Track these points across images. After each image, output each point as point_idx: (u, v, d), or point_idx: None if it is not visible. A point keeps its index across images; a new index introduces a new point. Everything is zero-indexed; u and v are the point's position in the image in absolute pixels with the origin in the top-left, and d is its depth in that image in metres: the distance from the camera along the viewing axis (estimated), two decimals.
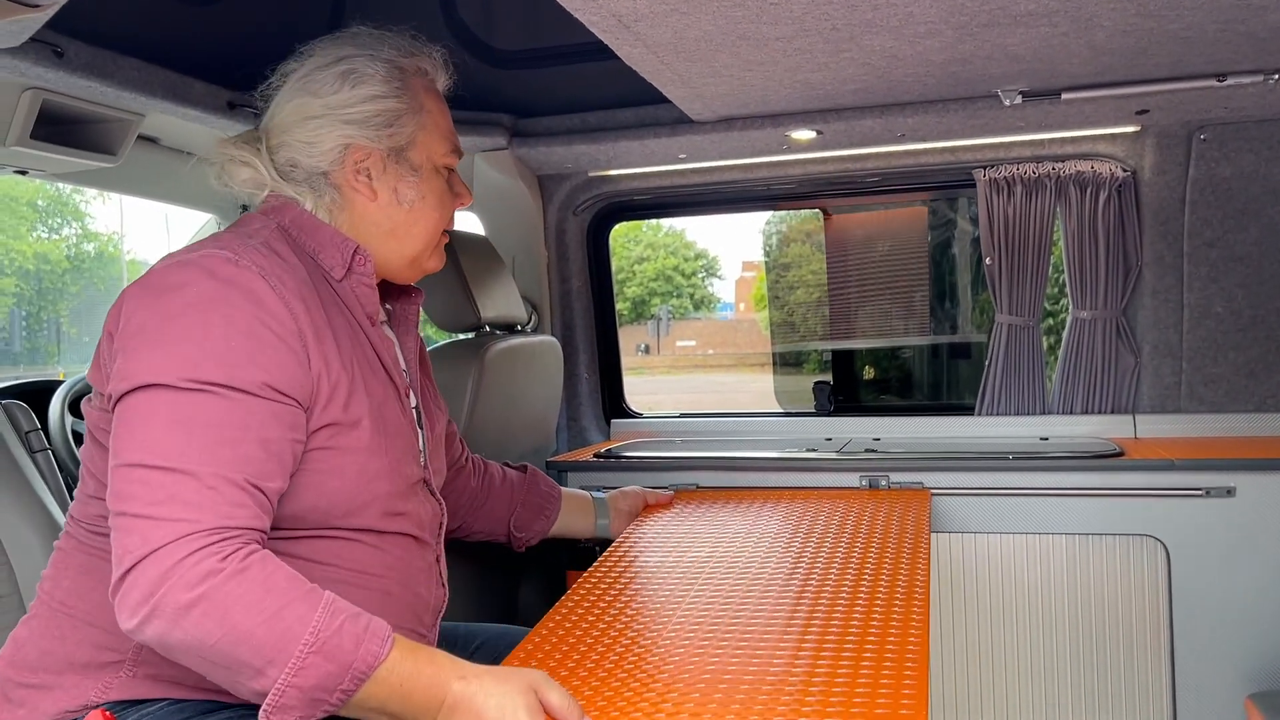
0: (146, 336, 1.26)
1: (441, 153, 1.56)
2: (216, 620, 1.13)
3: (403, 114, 1.50)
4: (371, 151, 1.49)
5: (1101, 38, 1.93)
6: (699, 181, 3.06)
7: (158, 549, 1.15)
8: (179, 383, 1.23)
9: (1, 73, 1.84)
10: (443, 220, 1.59)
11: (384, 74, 1.50)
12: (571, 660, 1.42)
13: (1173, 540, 2.39)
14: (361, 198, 1.50)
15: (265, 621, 1.15)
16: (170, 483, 1.18)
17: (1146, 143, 2.71)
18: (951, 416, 3.02)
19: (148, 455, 1.20)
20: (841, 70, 2.09)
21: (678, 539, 2.02)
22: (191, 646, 1.15)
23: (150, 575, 1.14)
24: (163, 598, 1.13)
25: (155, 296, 1.30)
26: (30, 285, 26.15)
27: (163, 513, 1.17)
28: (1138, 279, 2.81)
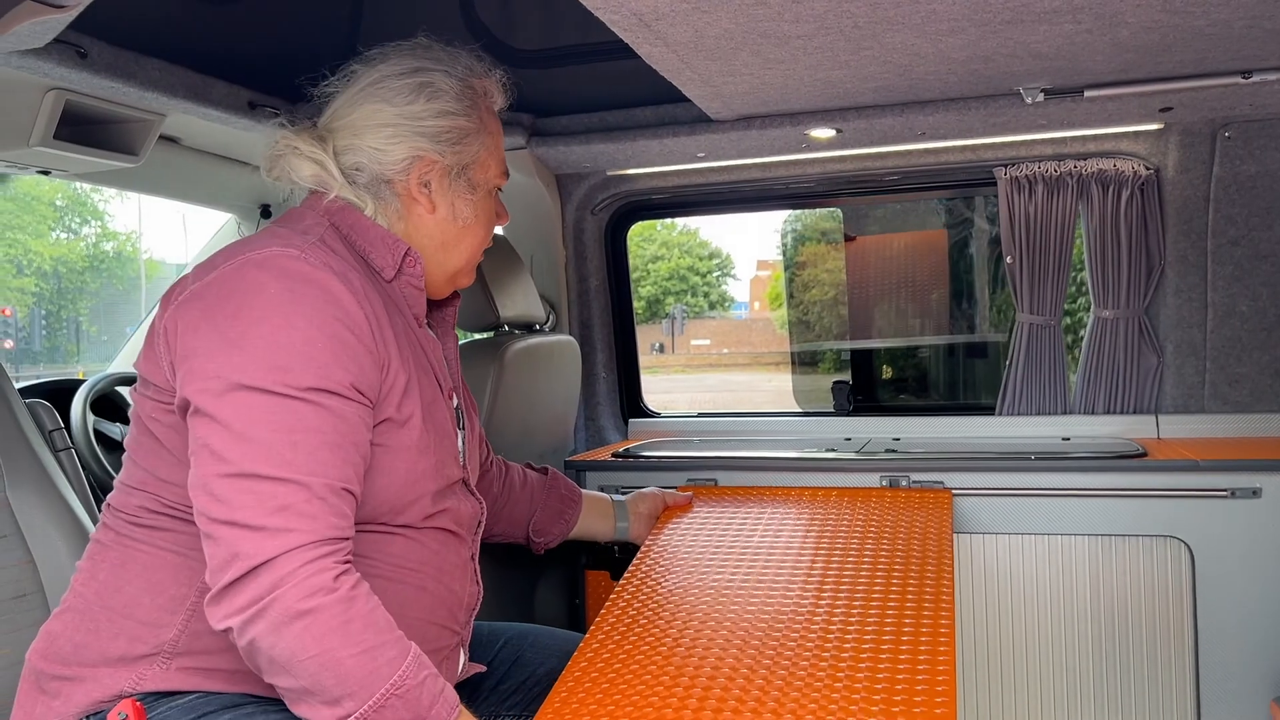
0: (229, 339, 1.27)
1: (496, 174, 1.60)
2: (316, 638, 1.17)
3: (471, 133, 1.53)
4: (436, 164, 1.51)
5: (1125, 35, 1.91)
6: (717, 180, 3.06)
7: (274, 558, 1.18)
8: (276, 388, 1.24)
9: (26, 73, 1.85)
10: (487, 239, 1.63)
11: (458, 91, 1.53)
12: (629, 671, 1.43)
13: (1197, 541, 2.37)
14: (420, 209, 1.52)
15: (359, 655, 1.19)
16: (284, 493, 1.21)
17: (1170, 140, 2.69)
18: (972, 416, 3.00)
19: (258, 464, 1.22)
20: (862, 68, 2.08)
21: (705, 542, 2.02)
22: (282, 656, 1.18)
23: (264, 582, 1.18)
24: (274, 602, 1.17)
25: (230, 297, 1.30)
26: (50, 284, 26.36)
27: (277, 523, 1.20)
28: (1161, 278, 2.79)
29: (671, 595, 1.72)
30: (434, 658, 1.48)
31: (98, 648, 1.36)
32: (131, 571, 1.37)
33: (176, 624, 1.34)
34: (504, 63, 2.58)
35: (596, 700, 1.35)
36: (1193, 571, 2.38)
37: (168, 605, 1.35)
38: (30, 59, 1.79)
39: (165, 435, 1.37)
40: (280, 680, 1.21)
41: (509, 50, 2.62)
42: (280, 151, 1.50)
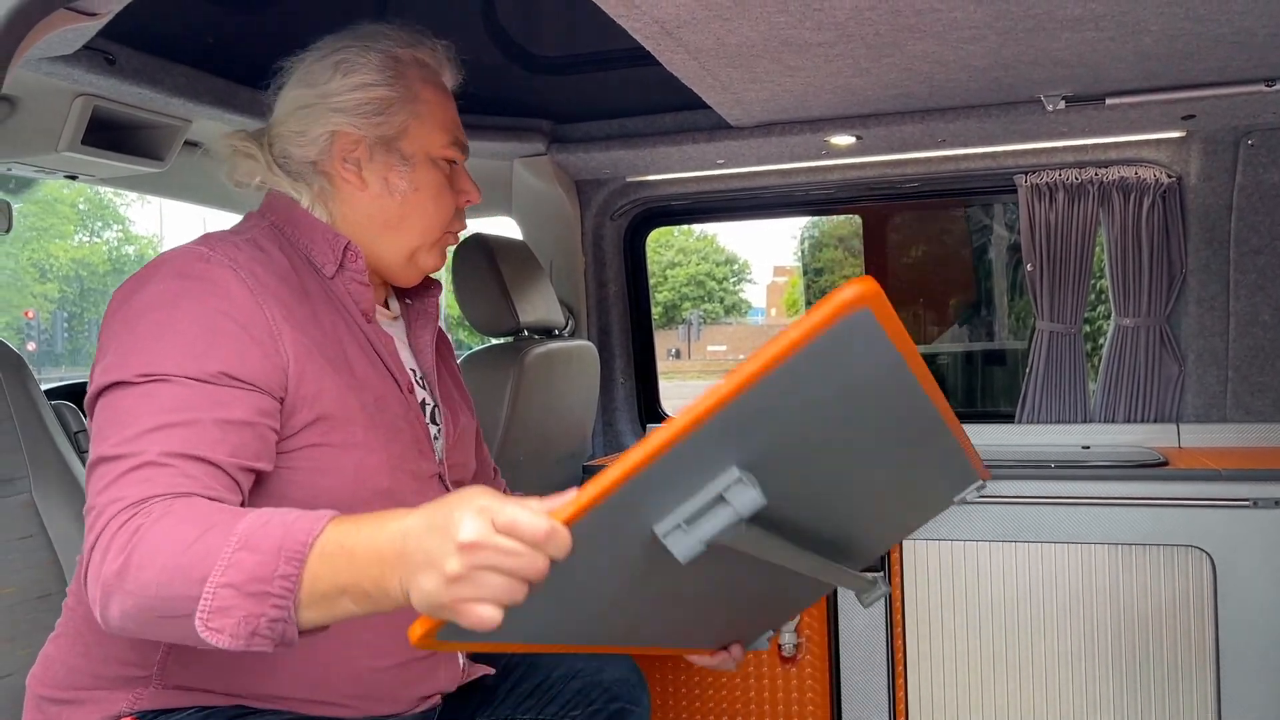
0: (113, 340, 1.27)
1: (439, 144, 1.52)
2: (149, 570, 1.07)
3: (394, 102, 1.47)
4: (360, 140, 1.46)
5: (1148, 42, 1.91)
6: (737, 187, 3.06)
7: (99, 534, 1.12)
8: (135, 379, 1.21)
9: (55, 80, 1.88)
10: (440, 214, 1.53)
11: (377, 63, 1.47)
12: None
13: (1218, 552, 2.35)
14: (351, 187, 1.48)
15: (189, 546, 1.06)
16: (117, 468, 1.15)
17: (1192, 148, 2.67)
18: (991, 424, 2.99)
19: (103, 448, 1.18)
20: (883, 75, 2.09)
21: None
22: (142, 610, 1.08)
23: (95, 561, 1.11)
24: (102, 574, 1.09)
25: (125, 298, 1.30)
26: (73, 287, 26.63)
27: (105, 498, 1.14)
28: (1182, 286, 2.77)
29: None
30: (419, 665, 1.45)
31: (91, 671, 1.34)
32: None
33: (160, 648, 1.32)
34: (525, 69, 2.62)
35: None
36: (1214, 582, 2.36)
37: None
38: (60, 65, 1.81)
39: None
40: (168, 632, 1.09)
41: (530, 56, 2.63)
42: (226, 156, 1.50)
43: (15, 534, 1.82)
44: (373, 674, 1.39)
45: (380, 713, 1.41)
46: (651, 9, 1.62)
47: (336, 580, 1.03)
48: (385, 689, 1.40)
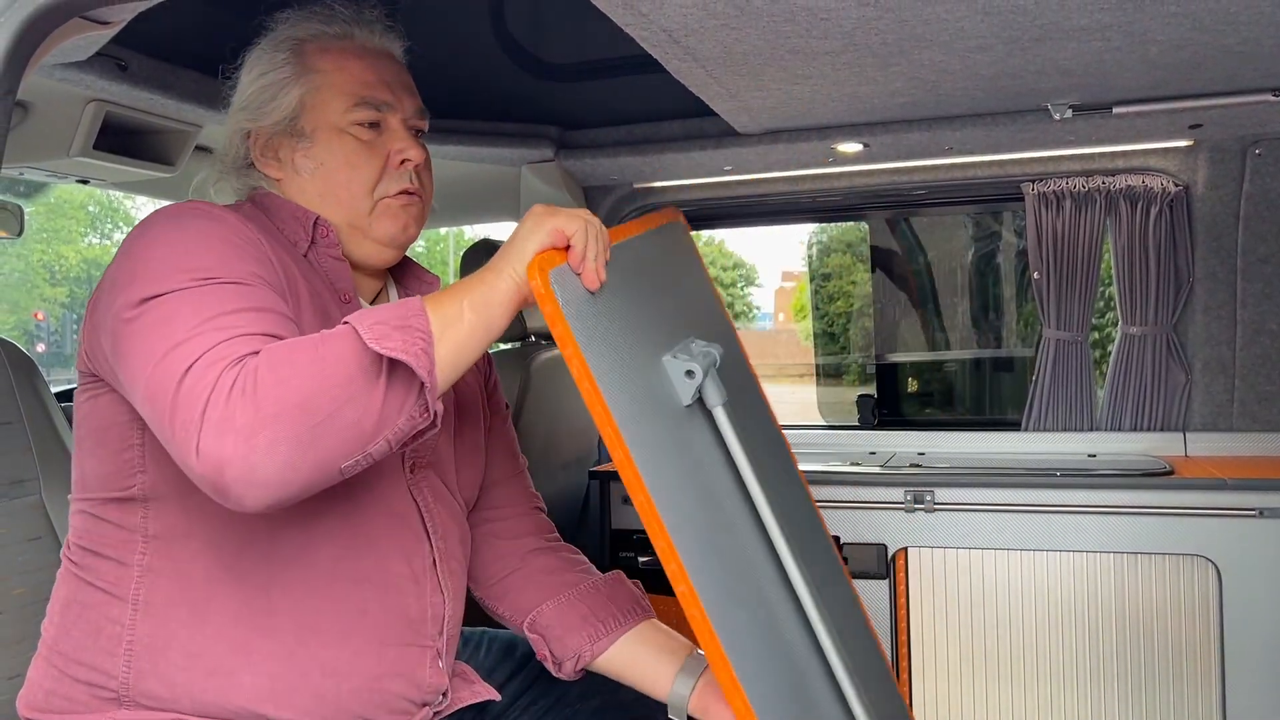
0: (134, 267, 1.23)
1: (340, 110, 1.44)
2: (293, 380, 1.07)
3: (283, 85, 1.44)
4: (262, 130, 1.45)
5: (1155, 52, 1.91)
6: (744, 193, 3.07)
7: (207, 400, 1.07)
8: (179, 285, 1.18)
9: (68, 85, 1.90)
10: (359, 182, 1.44)
11: (269, 49, 1.46)
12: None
13: (1224, 561, 2.35)
14: (276, 173, 1.47)
15: (317, 347, 1.10)
16: (198, 345, 1.12)
17: (1199, 157, 2.68)
18: (997, 432, 2.99)
19: (174, 337, 1.13)
20: (890, 84, 2.09)
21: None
22: (296, 425, 1.06)
23: (215, 421, 1.06)
24: (235, 425, 1.05)
25: (131, 241, 1.29)
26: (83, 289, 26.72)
27: (199, 370, 1.10)
28: (1189, 295, 2.77)
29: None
30: (397, 677, 1.38)
31: (64, 694, 1.33)
32: (74, 613, 1.34)
33: (119, 666, 1.30)
34: (534, 76, 2.63)
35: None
36: (1220, 591, 2.36)
37: (107, 647, 1.31)
38: (73, 71, 1.83)
39: (86, 423, 1.34)
40: (331, 440, 1.08)
41: (539, 63, 2.64)
42: (216, 185, 1.53)
43: (25, 535, 1.83)
44: (332, 692, 1.34)
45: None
46: (660, 18, 1.63)
47: (455, 300, 1.18)
48: (349, 705, 1.35)
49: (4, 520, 1.81)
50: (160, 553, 1.31)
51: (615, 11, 1.59)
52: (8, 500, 1.83)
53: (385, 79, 1.48)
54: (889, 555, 2.51)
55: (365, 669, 1.35)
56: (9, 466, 1.85)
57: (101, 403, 1.32)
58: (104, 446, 1.33)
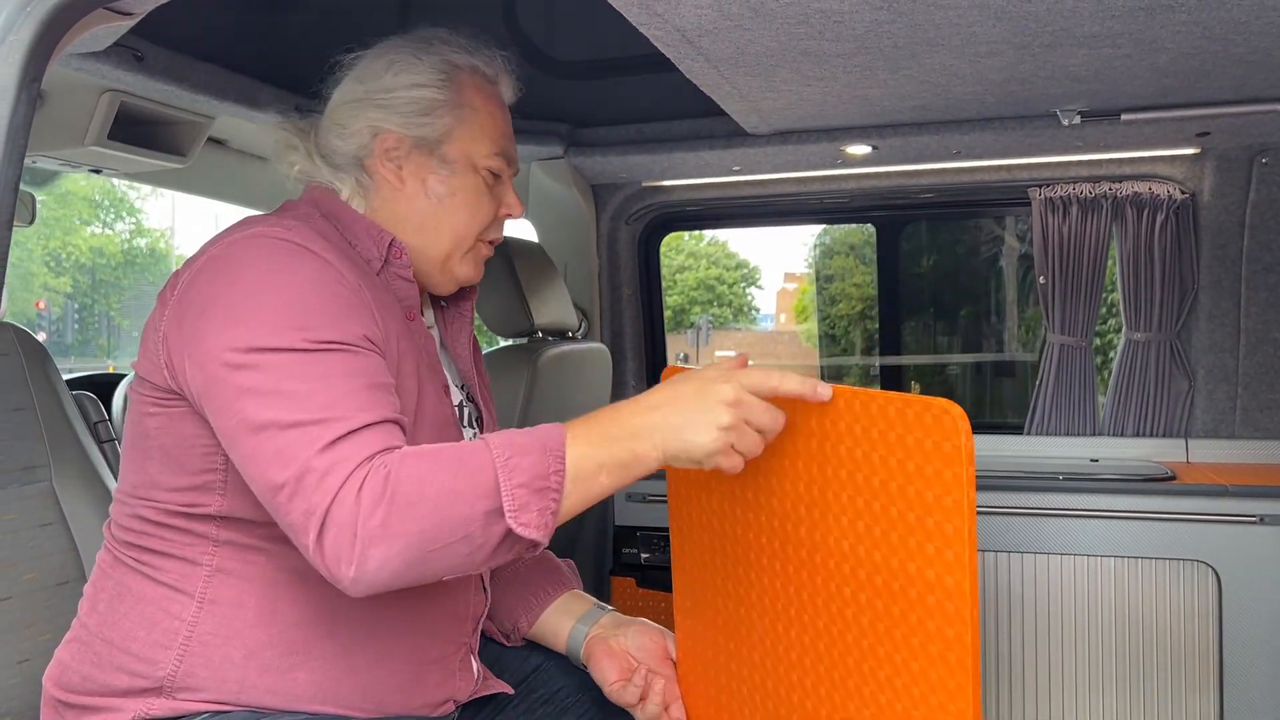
0: (235, 314, 1.22)
1: (484, 154, 1.50)
2: (423, 504, 1.10)
3: (441, 105, 1.47)
4: (402, 139, 1.46)
5: (1164, 60, 1.92)
6: (751, 194, 3.08)
7: (338, 492, 1.10)
8: (298, 344, 1.19)
9: (85, 75, 1.91)
10: (475, 223, 1.51)
11: (430, 65, 1.48)
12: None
13: (1224, 567, 2.36)
14: (389, 186, 1.47)
15: (456, 473, 1.12)
16: (328, 431, 1.14)
17: (1206, 165, 2.69)
18: (1000, 435, 3.00)
19: (299, 413, 1.14)
20: (900, 87, 2.10)
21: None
22: (411, 549, 1.10)
23: (339, 520, 1.10)
24: (360, 529, 1.09)
25: (225, 274, 1.26)
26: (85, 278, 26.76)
27: (328, 459, 1.12)
28: (1194, 302, 2.78)
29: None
30: (436, 668, 1.44)
31: (102, 680, 1.34)
32: (127, 604, 1.35)
33: (171, 659, 1.31)
34: (545, 73, 2.64)
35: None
36: (1219, 597, 2.37)
37: (161, 640, 1.32)
38: (89, 61, 1.84)
39: (160, 436, 1.32)
40: (444, 561, 1.12)
41: (550, 60, 2.65)
42: (276, 149, 1.51)
43: (36, 521, 1.84)
44: (381, 686, 1.38)
45: (394, 712, 1.40)
46: (674, 17, 1.64)
47: (596, 459, 1.16)
48: (394, 699, 1.39)
49: (15, 506, 1.82)
50: (232, 557, 1.32)
51: (630, 10, 1.60)
52: (19, 486, 1.84)
53: (510, 134, 1.56)
54: None
55: (411, 665, 1.40)
56: (21, 453, 1.86)
57: (181, 423, 1.30)
58: (180, 465, 1.31)
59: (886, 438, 1.11)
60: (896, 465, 1.11)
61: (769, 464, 1.29)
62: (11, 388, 1.88)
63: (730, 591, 1.43)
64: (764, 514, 1.34)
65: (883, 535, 1.12)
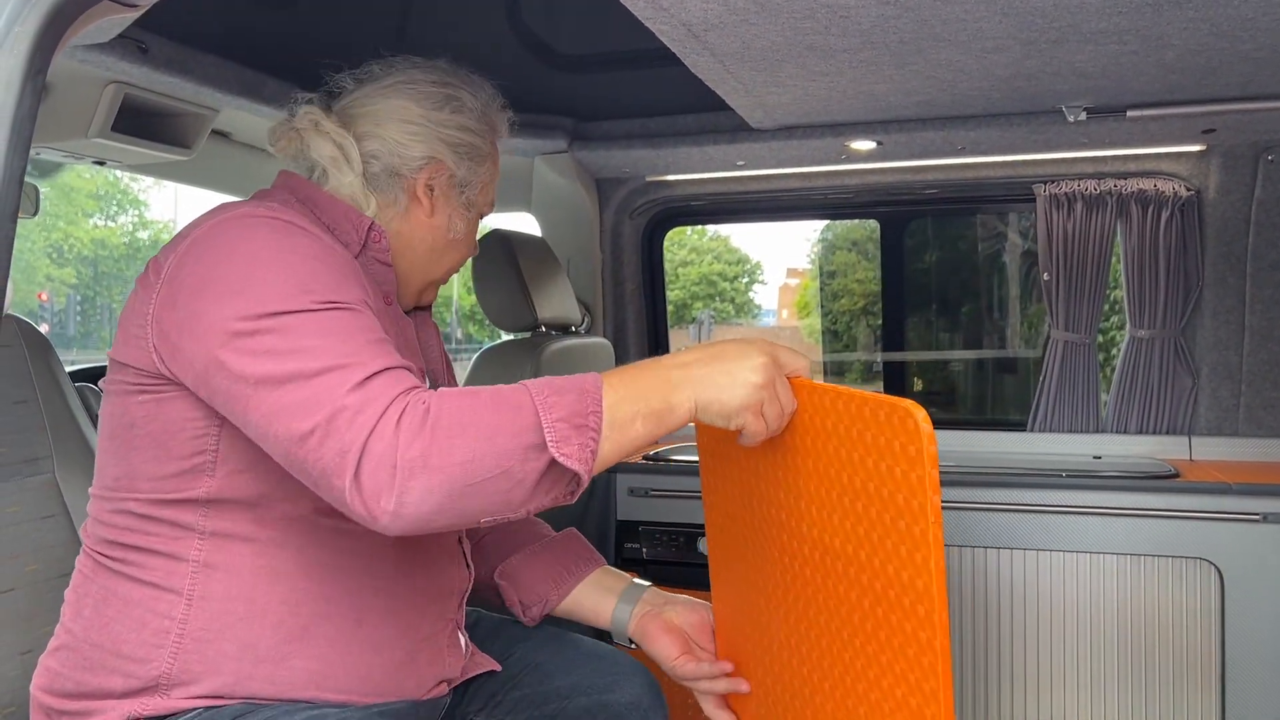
0: (235, 286, 1.21)
1: (486, 203, 1.64)
2: (464, 437, 1.10)
3: (481, 154, 1.58)
4: (449, 173, 1.54)
5: (1171, 57, 1.92)
6: (756, 189, 3.08)
7: (373, 428, 1.09)
8: (306, 305, 1.19)
9: (89, 67, 1.91)
10: (461, 259, 1.66)
11: (479, 113, 1.57)
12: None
13: (1227, 565, 2.36)
14: (421, 212, 1.54)
15: (496, 408, 1.13)
16: (354, 373, 1.14)
17: (1212, 162, 2.68)
18: (1003, 432, 3.00)
19: (320, 361, 1.14)
20: (905, 82, 2.10)
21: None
22: (453, 481, 1.09)
23: (377, 453, 1.08)
24: (400, 461, 1.08)
25: (219, 249, 1.26)
26: (88, 270, 26.78)
27: (359, 397, 1.12)
28: (1198, 299, 2.78)
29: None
30: (427, 646, 1.45)
31: (96, 684, 1.33)
32: (114, 608, 1.34)
33: (164, 657, 1.31)
34: (548, 66, 2.64)
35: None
36: (1221, 595, 2.37)
37: (153, 640, 1.31)
38: (94, 53, 1.84)
39: (147, 423, 1.31)
40: (485, 495, 1.12)
41: (554, 54, 2.65)
42: (303, 126, 1.49)
43: (38, 513, 1.84)
44: (378, 668, 1.39)
45: (388, 698, 1.41)
46: (679, 12, 1.64)
47: (633, 407, 1.18)
48: (390, 681, 1.40)
49: (17, 498, 1.82)
50: (219, 549, 1.32)
51: (635, 4, 1.60)
52: (21, 478, 1.84)
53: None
54: None
55: (404, 644, 1.41)
56: (23, 445, 1.86)
57: (170, 407, 1.29)
58: (166, 451, 1.30)
59: (858, 436, 1.12)
60: (870, 464, 1.11)
61: (775, 453, 1.31)
62: (14, 380, 1.88)
63: (752, 579, 1.45)
64: (769, 505, 1.36)
65: (865, 534, 1.14)
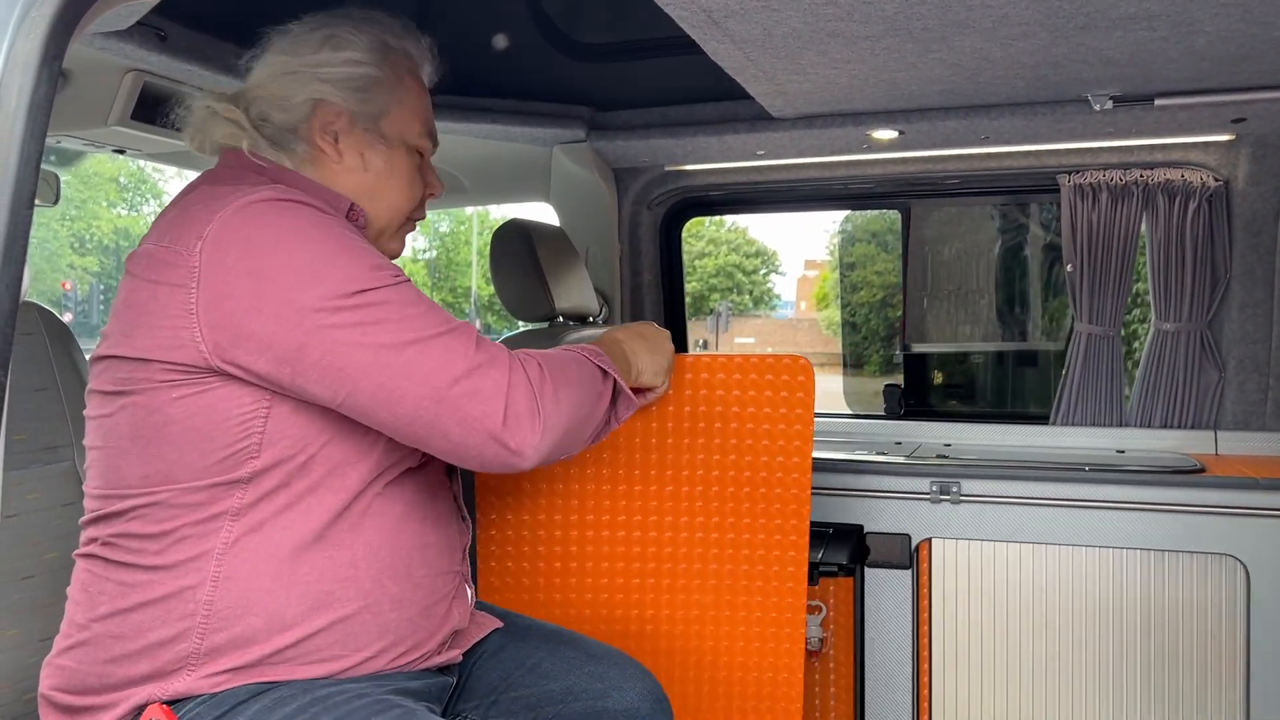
0: (306, 264, 1.27)
1: (415, 133, 1.56)
2: (570, 386, 1.42)
3: (379, 82, 1.50)
4: (342, 112, 1.47)
5: (1202, 43, 1.88)
6: (775, 178, 3.05)
7: (509, 386, 1.32)
8: (388, 280, 1.31)
9: (108, 55, 1.91)
10: (410, 199, 1.58)
11: (367, 44, 1.50)
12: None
13: (1253, 561, 2.33)
14: (326, 158, 1.48)
15: (576, 362, 1.49)
16: (465, 334, 1.33)
17: (1241, 152, 2.64)
18: (1025, 425, 2.97)
19: (431, 328, 1.31)
20: (929, 70, 2.07)
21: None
22: (569, 426, 1.41)
23: (520, 400, 1.32)
24: (544, 411, 1.34)
25: (257, 240, 1.28)
26: (110, 259, 26.99)
27: (483, 355, 1.33)
28: (1225, 291, 2.74)
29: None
30: (440, 599, 1.49)
31: (122, 674, 1.33)
32: (133, 601, 1.33)
33: (192, 636, 1.31)
34: (567, 56, 2.62)
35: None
36: (1247, 591, 2.34)
37: (178, 626, 1.32)
38: (112, 40, 1.84)
39: (186, 419, 1.30)
40: (583, 418, 1.46)
41: (572, 43, 2.63)
42: (201, 118, 1.48)
43: (59, 500, 1.85)
44: (396, 624, 1.42)
45: (406, 652, 1.43)
46: None
47: (621, 364, 1.61)
48: (408, 635, 1.44)
49: (38, 485, 1.83)
50: (248, 528, 1.33)
51: None
52: (42, 466, 1.85)
53: (433, 118, 1.63)
54: (912, 546, 2.50)
55: (420, 599, 1.45)
56: (44, 433, 1.87)
57: (213, 397, 1.30)
58: (210, 441, 1.30)
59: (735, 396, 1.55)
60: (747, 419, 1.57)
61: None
62: (35, 368, 1.88)
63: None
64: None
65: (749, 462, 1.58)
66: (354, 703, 1.30)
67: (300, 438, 1.34)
